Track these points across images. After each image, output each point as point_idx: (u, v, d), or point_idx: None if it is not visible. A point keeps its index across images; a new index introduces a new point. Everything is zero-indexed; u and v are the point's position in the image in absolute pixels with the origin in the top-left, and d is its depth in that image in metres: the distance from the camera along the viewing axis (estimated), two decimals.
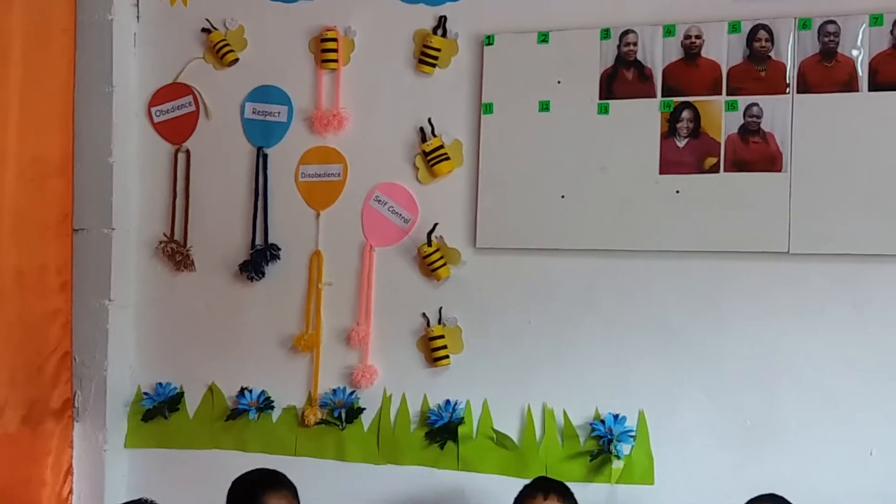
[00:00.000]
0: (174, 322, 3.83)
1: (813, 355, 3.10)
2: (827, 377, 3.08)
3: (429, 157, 3.52)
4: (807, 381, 3.10)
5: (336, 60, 3.68)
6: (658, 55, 3.29)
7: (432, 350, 3.49)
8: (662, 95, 3.28)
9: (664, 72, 3.28)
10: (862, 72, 3.07)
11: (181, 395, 3.76)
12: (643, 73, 3.29)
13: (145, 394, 3.79)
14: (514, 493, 3.00)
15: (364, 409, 3.56)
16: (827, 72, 3.10)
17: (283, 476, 2.94)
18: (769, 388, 3.14)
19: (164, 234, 3.85)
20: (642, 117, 3.29)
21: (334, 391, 3.60)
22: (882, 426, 3.02)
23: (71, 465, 3.69)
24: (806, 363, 3.11)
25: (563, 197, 3.37)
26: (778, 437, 3.11)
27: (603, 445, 3.26)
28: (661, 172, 3.27)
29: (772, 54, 3.16)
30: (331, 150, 3.68)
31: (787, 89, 3.14)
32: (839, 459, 3.03)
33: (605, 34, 3.34)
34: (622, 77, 3.32)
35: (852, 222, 3.06)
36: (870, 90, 3.06)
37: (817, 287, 3.10)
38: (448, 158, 3.52)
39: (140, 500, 2.49)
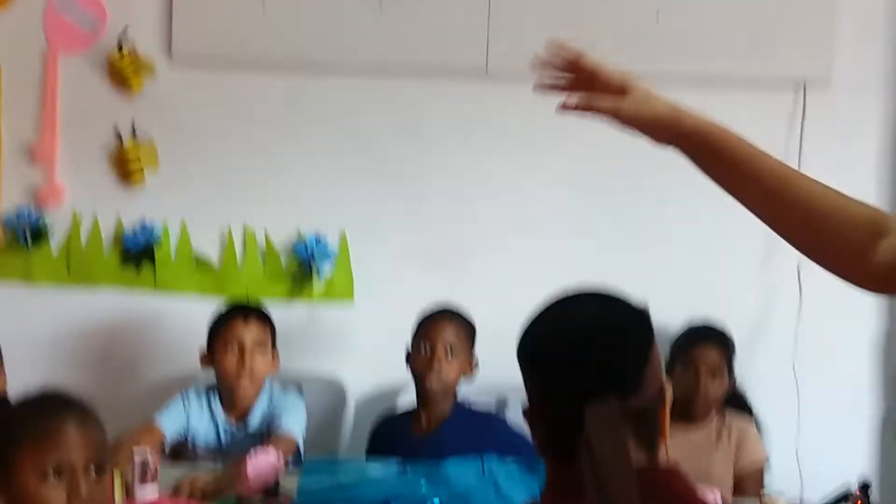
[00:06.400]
0: None
1: (507, 175, 3.19)
2: (519, 196, 3.19)
3: None
4: (501, 199, 3.20)
5: None
6: None
7: (125, 167, 3.31)
8: None
9: None
10: None
11: None
12: None
13: None
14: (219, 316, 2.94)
15: (51, 229, 3.36)
16: None
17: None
18: (466, 207, 3.22)
19: None
20: None
21: (18, 212, 3.36)
22: (568, 242, 3.17)
23: None
24: (500, 182, 3.20)
25: (263, 9, 3.21)
26: (472, 255, 3.22)
27: (304, 265, 3.25)
28: None
29: None
30: None
31: None
32: (527, 273, 3.16)
33: None
34: None
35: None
36: None
37: (513, 108, 3.14)
38: None
39: None
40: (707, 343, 2.88)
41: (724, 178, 1.36)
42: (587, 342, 1.34)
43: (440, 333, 2.82)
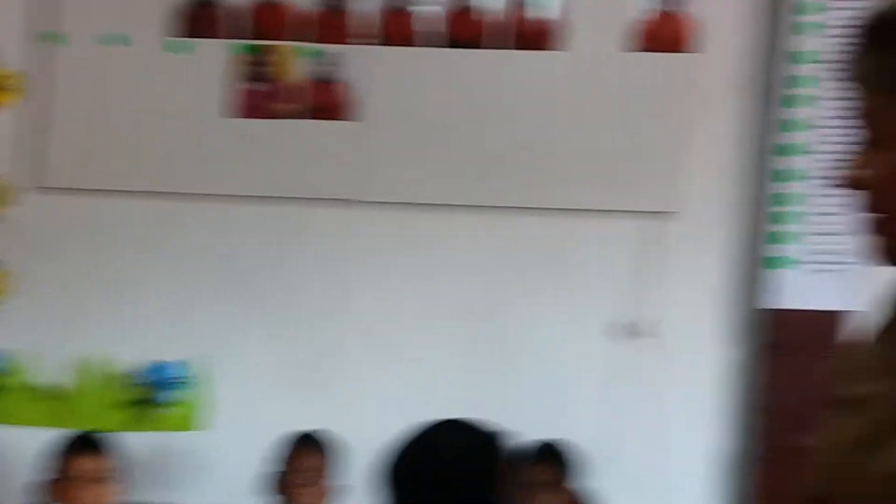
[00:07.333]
0: None
1: (372, 300, 3.18)
2: (383, 321, 3.17)
3: None
4: (365, 325, 3.17)
5: None
6: None
7: None
8: (239, 37, 3.23)
9: (243, 13, 3.23)
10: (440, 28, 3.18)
11: None
12: (220, 14, 3.22)
13: None
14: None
15: None
16: (406, 26, 3.18)
17: None
18: (330, 331, 3.18)
19: None
20: (217, 58, 3.22)
21: None
22: (430, 366, 3.14)
23: None
24: (365, 308, 3.18)
25: (129, 137, 3.23)
26: (335, 380, 3.15)
27: (159, 392, 3.15)
28: (233, 116, 3.21)
29: (354, 4, 3.20)
30: None
31: (366, 40, 3.19)
32: (390, 397, 3.11)
33: None
34: (198, 16, 3.23)
35: (417, 173, 3.17)
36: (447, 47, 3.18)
37: (382, 234, 3.19)
38: (8, 90, 3.26)
39: None
40: (543, 461, 2.84)
41: None
42: (448, 465, 1.56)
43: (303, 459, 2.83)
